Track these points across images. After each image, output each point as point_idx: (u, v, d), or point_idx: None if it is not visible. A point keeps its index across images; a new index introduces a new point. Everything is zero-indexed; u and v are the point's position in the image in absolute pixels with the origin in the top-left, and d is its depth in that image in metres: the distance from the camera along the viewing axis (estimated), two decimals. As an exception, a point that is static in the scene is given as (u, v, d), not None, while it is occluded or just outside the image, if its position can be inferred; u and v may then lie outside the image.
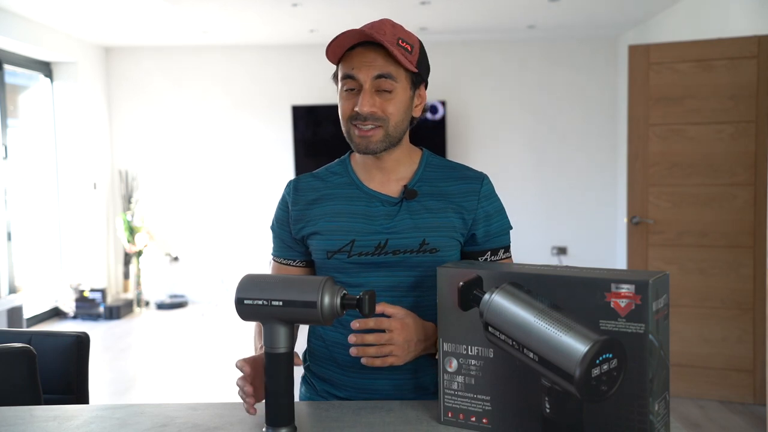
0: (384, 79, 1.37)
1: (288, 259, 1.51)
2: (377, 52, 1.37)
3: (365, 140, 1.39)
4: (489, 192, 1.46)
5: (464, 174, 1.47)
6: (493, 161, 6.59)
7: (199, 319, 6.13)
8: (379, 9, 5.13)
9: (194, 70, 6.74)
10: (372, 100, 1.37)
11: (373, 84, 1.37)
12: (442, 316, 1.21)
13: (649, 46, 3.88)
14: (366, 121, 1.37)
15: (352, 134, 1.40)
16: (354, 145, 1.41)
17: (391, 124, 1.39)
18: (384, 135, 1.39)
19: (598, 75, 6.65)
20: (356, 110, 1.37)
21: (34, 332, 1.75)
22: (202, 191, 6.77)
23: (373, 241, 1.39)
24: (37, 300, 5.81)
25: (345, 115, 1.41)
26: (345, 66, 1.39)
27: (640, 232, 3.93)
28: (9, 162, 5.48)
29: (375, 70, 1.36)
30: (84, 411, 1.32)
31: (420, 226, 1.40)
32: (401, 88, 1.39)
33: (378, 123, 1.38)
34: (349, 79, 1.38)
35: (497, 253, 1.46)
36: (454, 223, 1.42)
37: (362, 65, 1.37)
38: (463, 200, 1.43)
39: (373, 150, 1.39)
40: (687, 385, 3.81)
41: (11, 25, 5.18)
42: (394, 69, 1.38)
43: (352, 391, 1.43)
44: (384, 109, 1.38)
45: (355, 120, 1.39)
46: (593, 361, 1.04)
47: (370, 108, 1.36)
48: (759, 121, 3.66)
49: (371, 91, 1.37)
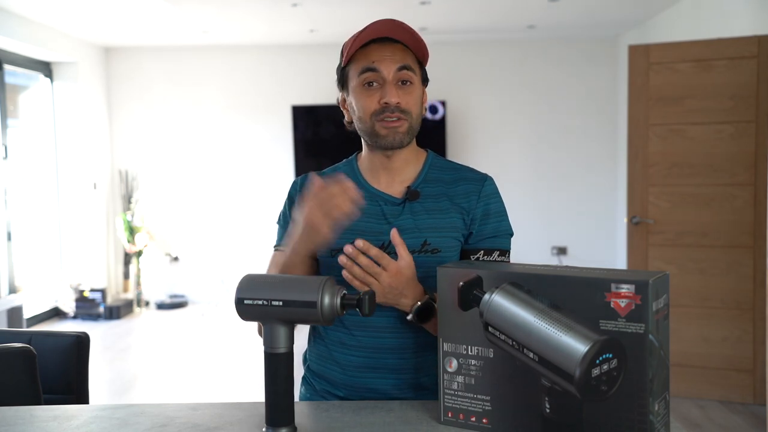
0: (406, 70, 1.38)
1: None
2: (395, 47, 1.39)
3: (393, 132, 1.38)
4: (490, 192, 1.45)
5: (467, 175, 1.47)
6: (493, 161, 6.59)
7: (199, 319, 6.13)
8: (379, 9, 5.13)
9: (194, 70, 6.74)
10: (397, 91, 1.38)
11: (396, 76, 1.38)
12: (442, 316, 1.21)
13: (649, 46, 3.88)
14: (393, 113, 1.37)
15: (377, 129, 1.39)
16: (379, 140, 1.40)
17: (414, 117, 1.41)
18: (408, 127, 1.40)
19: (598, 75, 6.65)
20: (385, 101, 1.37)
21: (34, 332, 1.75)
22: (202, 191, 6.77)
23: (377, 240, 1.39)
24: (37, 300, 5.81)
25: (369, 111, 1.39)
26: (363, 60, 1.39)
27: (640, 232, 3.93)
28: (9, 162, 5.48)
29: (397, 62, 1.38)
30: (84, 411, 1.32)
31: (421, 227, 1.40)
32: (418, 82, 1.42)
33: (404, 115, 1.38)
34: (369, 72, 1.38)
35: (491, 254, 1.42)
36: (455, 224, 1.42)
37: (383, 58, 1.38)
38: (465, 201, 1.43)
39: (400, 142, 1.40)
40: (687, 385, 3.81)
41: (11, 25, 5.18)
42: (412, 62, 1.40)
43: (351, 390, 1.43)
44: (407, 102, 1.39)
45: (381, 114, 1.38)
46: (593, 361, 1.04)
47: (397, 98, 1.37)
48: (759, 121, 3.66)
49: (395, 83, 1.38)
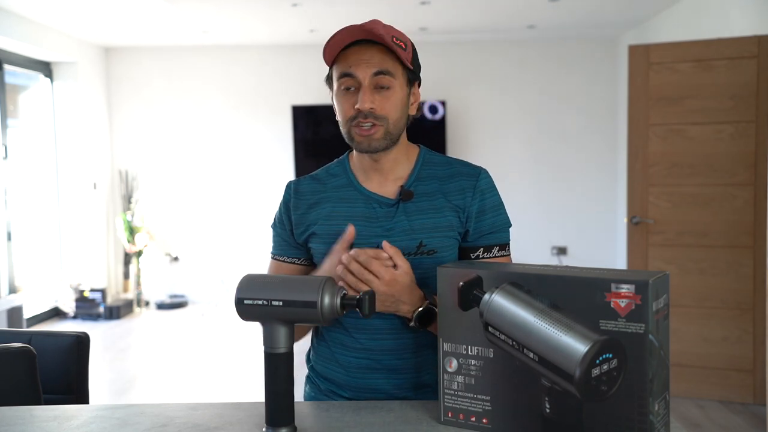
0: (382, 75, 1.36)
1: (290, 258, 1.50)
2: (374, 50, 1.36)
3: (367, 139, 1.37)
4: (486, 186, 1.43)
5: (461, 170, 1.45)
6: (493, 161, 6.58)
7: (199, 319, 6.13)
8: (379, 9, 5.13)
9: (194, 70, 6.74)
10: (372, 97, 1.36)
11: (372, 81, 1.36)
12: (442, 316, 1.21)
13: (649, 46, 3.88)
14: (367, 118, 1.36)
15: (353, 134, 1.39)
16: (355, 145, 1.40)
17: (391, 122, 1.38)
18: (384, 133, 1.38)
19: (598, 75, 6.64)
20: (357, 107, 1.35)
21: (34, 332, 1.74)
22: (202, 191, 6.77)
23: (372, 243, 1.38)
24: (37, 300, 5.81)
25: (346, 116, 1.39)
26: (341, 65, 1.38)
27: (640, 232, 3.92)
28: (9, 162, 5.48)
29: (373, 66, 1.36)
30: (84, 411, 1.32)
31: (416, 228, 1.39)
32: (398, 85, 1.39)
33: (378, 121, 1.36)
34: (347, 77, 1.37)
35: (491, 251, 1.42)
36: (451, 222, 1.41)
37: (360, 62, 1.36)
38: (459, 198, 1.41)
39: (375, 148, 1.38)
40: (687, 385, 3.81)
41: (11, 25, 5.17)
42: (391, 66, 1.37)
43: (355, 391, 1.43)
44: (383, 107, 1.36)
45: (355, 120, 1.37)
46: (593, 361, 1.04)
47: (370, 104, 1.35)
48: (759, 121, 3.66)
49: (371, 88, 1.36)
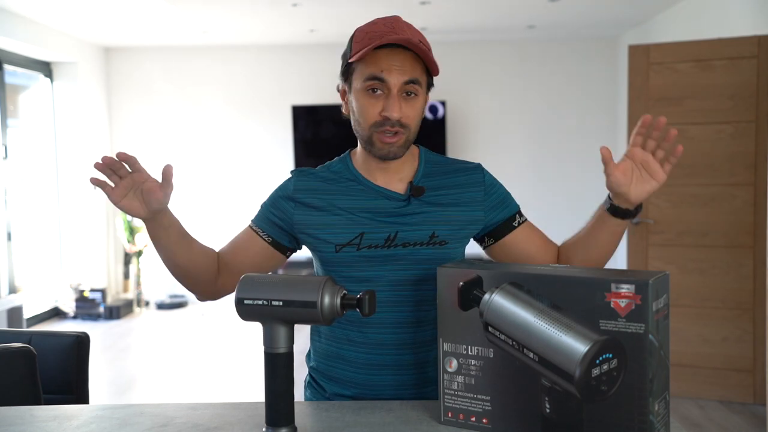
0: (412, 84, 1.35)
1: (264, 233, 1.46)
2: (405, 55, 1.34)
3: (389, 146, 1.36)
4: (492, 180, 1.48)
5: (462, 166, 1.48)
6: (493, 161, 6.51)
7: (199, 319, 6.13)
8: (379, 9, 5.12)
9: (194, 70, 6.74)
10: (400, 104, 1.34)
11: (402, 88, 1.34)
12: (442, 316, 1.21)
13: (649, 46, 3.88)
14: (393, 127, 1.34)
15: (374, 140, 1.37)
16: (375, 151, 1.38)
17: (413, 130, 1.38)
18: (405, 140, 1.38)
19: (598, 75, 6.64)
20: (385, 115, 1.33)
21: (34, 332, 1.74)
22: (202, 191, 6.76)
23: (383, 233, 1.38)
24: (37, 300, 5.81)
25: (370, 120, 1.36)
26: (371, 66, 1.34)
27: (640, 232, 3.92)
28: (9, 162, 5.48)
29: (405, 75, 1.33)
30: (84, 411, 1.32)
31: (429, 220, 1.41)
32: (422, 93, 1.38)
33: (403, 130, 1.36)
34: (376, 80, 1.33)
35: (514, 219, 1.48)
36: (462, 215, 1.43)
37: (392, 68, 1.33)
38: (469, 192, 1.44)
39: (396, 155, 1.38)
40: (687, 385, 3.81)
41: (11, 25, 5.17)
42: (419, 74, 1.36)
43: (360, 388, 1.43)
44: (408, 115, 1.36)
45: (381, 126, 1.35)
46: (593, 361, 1.04)
47: (399, 113, 1.33)
48: (759, 121, 3.66)
49: (399, 96, 1.34)
